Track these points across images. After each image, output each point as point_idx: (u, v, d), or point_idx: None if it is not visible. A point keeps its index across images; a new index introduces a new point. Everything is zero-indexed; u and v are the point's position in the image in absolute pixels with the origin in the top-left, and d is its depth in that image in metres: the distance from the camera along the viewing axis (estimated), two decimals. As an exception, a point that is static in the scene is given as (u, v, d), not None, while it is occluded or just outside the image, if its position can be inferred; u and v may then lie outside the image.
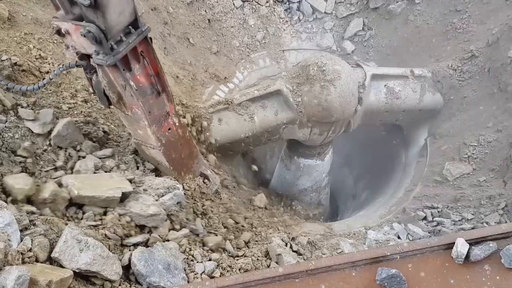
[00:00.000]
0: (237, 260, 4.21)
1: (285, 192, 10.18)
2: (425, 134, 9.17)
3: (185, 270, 3.81)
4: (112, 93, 4.19)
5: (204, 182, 5.89)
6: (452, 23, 9.27)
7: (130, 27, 3.67)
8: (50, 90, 5.33)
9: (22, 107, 4.69)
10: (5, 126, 4.39)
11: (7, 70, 4.82)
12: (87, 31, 3.33)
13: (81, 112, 5.38)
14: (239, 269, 3.98)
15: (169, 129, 4.82)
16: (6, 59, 4.89)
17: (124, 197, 4.19)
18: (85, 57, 3.97)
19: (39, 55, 5.46)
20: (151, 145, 4.87)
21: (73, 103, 5.38)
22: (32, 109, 4.77)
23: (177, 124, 4.94)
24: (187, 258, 4.01)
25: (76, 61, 3.99)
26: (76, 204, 4.04)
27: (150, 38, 3.99)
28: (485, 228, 2.86)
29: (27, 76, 5.13)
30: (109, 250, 3.38)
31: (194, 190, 5.69)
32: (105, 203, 4.06)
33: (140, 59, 3.97)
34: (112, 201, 4.07)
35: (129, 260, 3.52)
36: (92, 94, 5.69)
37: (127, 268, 3.52)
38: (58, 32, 3.69)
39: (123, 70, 3.86)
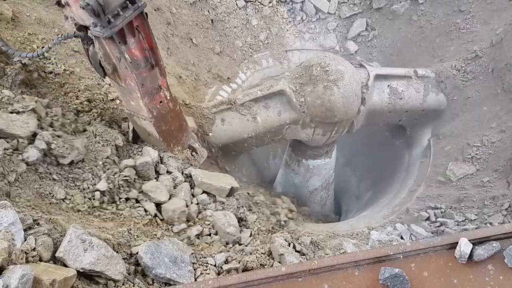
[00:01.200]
0: (243, 256, 4.23)
1: (294, 195, 10.17)
2: (428, 135, 9.15)
3: (193, 264, 3.86)
4: (108, 64, 4.35)
5: (192, 155, 6.07)
6: (455, 23, 9.25)
7: (127, 1, 3.82)
8: (60, 92, 5.39)
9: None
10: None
11: (22, 75, 4.90)
12: (86, 4, 3.47)
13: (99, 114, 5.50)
14: (245, 267, 3.99)
15: (160, 102, 5.01)
16: (18, 60, 4.95)
17: (232, 191, 5.37)
18: (83, 28, 4.08)
19: (43, 55, 5.49)
20: (143, 116, 5.06)
21: (79, 103, 5.42)
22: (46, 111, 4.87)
23: (168, 97, 5.13)
24: (196, 253, 4.07)
25: (75, 32, 4.11)
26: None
27: (146, 14, 4.13)
28: (489, 228, 2.86)
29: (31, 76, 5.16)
30: (113, 249, 3.39)
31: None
32: (217, 192, 5.26)
33: (136, 33, 4.12)
34: (223, 191, 5.27)
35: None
36: (96, 94, 5.73)
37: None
38: (58, 3, 3.82)
39: (119, 43, 4.02)
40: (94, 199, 4.41)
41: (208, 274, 3.79)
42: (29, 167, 4.19)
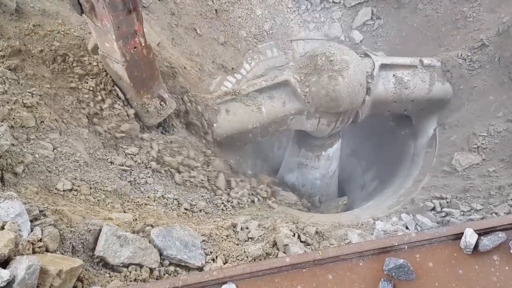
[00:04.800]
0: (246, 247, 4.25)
1: (317, 188, 10.21)
2: (434, 124, 9.10)
3: (204, 250, 3.93)
4: (86, 2, 4.39)
5: (161, 104, 6.13)
6: (462, 12, 9.14)
7: None
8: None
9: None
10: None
11: None
12: None
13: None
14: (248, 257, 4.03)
15: (134, 47, 5.05)
16: None
17: None
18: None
19: (47, 45, 5.49)
20: (116, 60, 5.10)
21: None
22: None
23: (143, 44, 5.15)
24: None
25: None
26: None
27: None
28: (494, 218, 2.84)
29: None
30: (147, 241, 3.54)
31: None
32: None
33: None
34: None
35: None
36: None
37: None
38: None
39: None
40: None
41: (216, 263, 3.84)
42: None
